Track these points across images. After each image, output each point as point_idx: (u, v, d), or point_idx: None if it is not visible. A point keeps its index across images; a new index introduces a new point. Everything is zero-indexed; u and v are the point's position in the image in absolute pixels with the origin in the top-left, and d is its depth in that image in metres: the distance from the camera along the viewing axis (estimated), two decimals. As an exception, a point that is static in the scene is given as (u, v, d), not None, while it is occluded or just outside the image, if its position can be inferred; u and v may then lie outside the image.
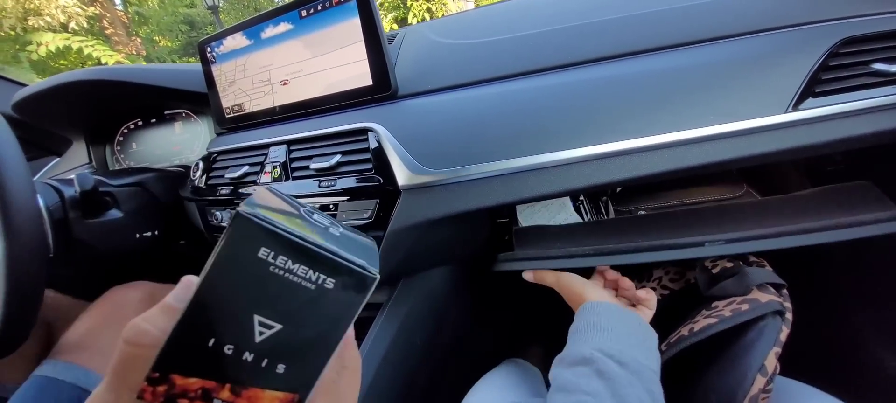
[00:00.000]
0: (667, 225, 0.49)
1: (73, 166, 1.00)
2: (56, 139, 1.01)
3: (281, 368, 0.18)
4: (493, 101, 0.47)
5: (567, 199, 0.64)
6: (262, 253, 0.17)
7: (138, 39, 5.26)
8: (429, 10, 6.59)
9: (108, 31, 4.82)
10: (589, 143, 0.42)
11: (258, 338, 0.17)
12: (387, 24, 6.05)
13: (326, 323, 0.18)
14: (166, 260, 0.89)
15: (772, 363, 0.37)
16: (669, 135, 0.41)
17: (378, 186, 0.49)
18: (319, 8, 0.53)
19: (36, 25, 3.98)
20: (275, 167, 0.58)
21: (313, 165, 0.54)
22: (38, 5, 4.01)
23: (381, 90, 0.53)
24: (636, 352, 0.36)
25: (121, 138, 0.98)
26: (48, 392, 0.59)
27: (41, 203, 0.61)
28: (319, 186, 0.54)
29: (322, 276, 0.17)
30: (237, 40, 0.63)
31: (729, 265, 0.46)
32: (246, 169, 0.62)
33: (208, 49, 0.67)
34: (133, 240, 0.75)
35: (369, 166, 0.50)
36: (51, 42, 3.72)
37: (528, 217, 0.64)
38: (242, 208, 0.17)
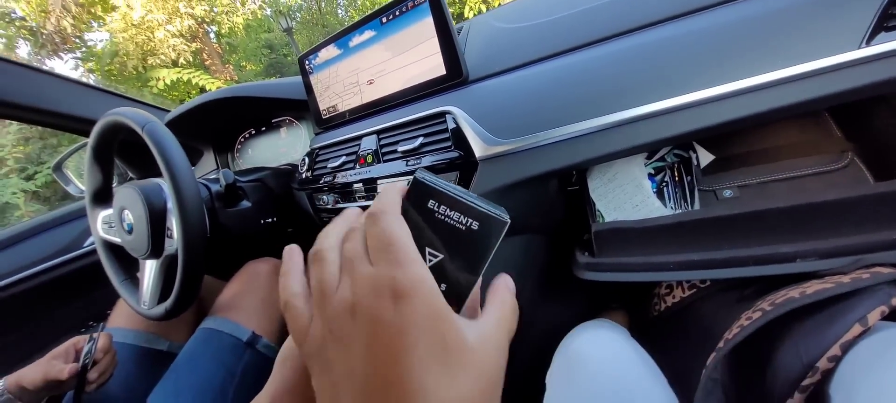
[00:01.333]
0: (757, 228, 0.46)
1: (204, 171, 1.23)
2: (194, 151, 1.25)
3: (443, 287, 0.24)
4: (554, 74, 0.52)
5: (644, 179, 0.65)
6: (431, 204, 0.24)
7: (230, 66, 6.03)
8: (484, 1, 6.59)
9: (207, 62, 5.61)
10: (650, 101, 0.45)
11: (428, 264, 0.24)
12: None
13: (473, 254, 0.24)
14: (282, 242, 1.07)
15: (874, 317, 0.35)
16: (733, 84, 0.43)
17: (458, 160, 0.57)
18: (397, 13, 0.62)
19: (153, 63, 4.79)
20: (368, 154, 0.69)
21: (400, 148, 0.63)
22: (154, 47, 4.81)
23: (454, 77, 0.61)
24: None
25: (238, 146, 1.19)
26: (212, 339, 0.77)
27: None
28: (407, 165, 0.63)
29: (470, 220, 0.24)
30: (330, 51, 0.75)
31: None
32: (344, 158, 0.74)
33: (307, 61, 0.80)
34: (258, 225, 0.92)
35: (449, 143, 0.58)
36: (166, 77, 4.45)
37: (601, 196, 0.67)
38: (418, 174, 0.24)
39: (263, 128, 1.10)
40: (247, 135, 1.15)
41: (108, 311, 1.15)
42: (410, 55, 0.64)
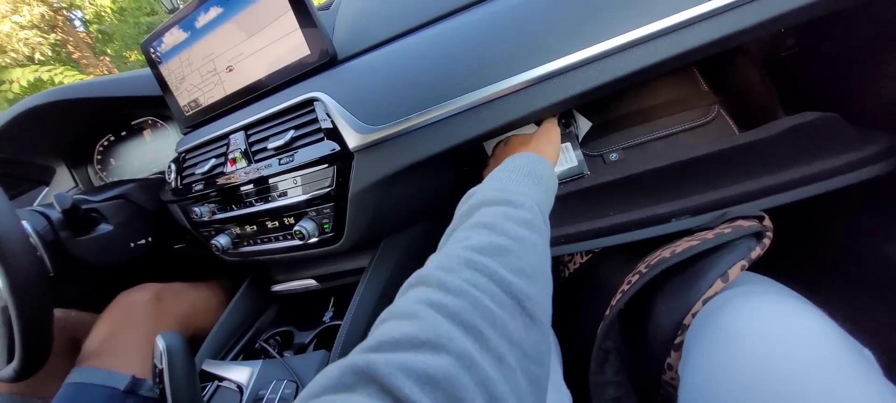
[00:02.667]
0: (637, 191, 0.47)
1: (62, 191, 1.03)
2: (38, 168, 1.03)
3: None
4: (423, 48, 0.47)
5: None
6: None
7: (107, 58, 5.17)
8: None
9: (75, 56, 4.73)
10: (522, 70, 0.42)
11: None
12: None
13: None
14: (168, 262, 0.93)
15: (735, 272, 0.37)
16: (604, 44, 0.41)
17: (333, 153, 0.50)
18: (243, -16, 0.52)
19: (3, 63, 3.92)
20: (237, 154, 0.59)
21: (270, 145, 0.55)
22: (1, 43, 3.93)
23: (321, 58, 0.53)
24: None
25: (99, 157, 1.00)
26: (81, 396, 0.64)
27: (28, 228, 0.64)
28: (280, 164, 0.55)
29: None
30: (175, 35, 0.63)
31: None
32: (213, 161, 0.63)
33: (151, 50, 0.66)
34: (128, 250, 0.78)
35: (321, 135, 0.51)
36: (21, 77, 3.68)
37: None
38: None
39: (123, 133, 0.93)
40: (106, 143, 0.96)
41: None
42: (267, 34, 0.55)
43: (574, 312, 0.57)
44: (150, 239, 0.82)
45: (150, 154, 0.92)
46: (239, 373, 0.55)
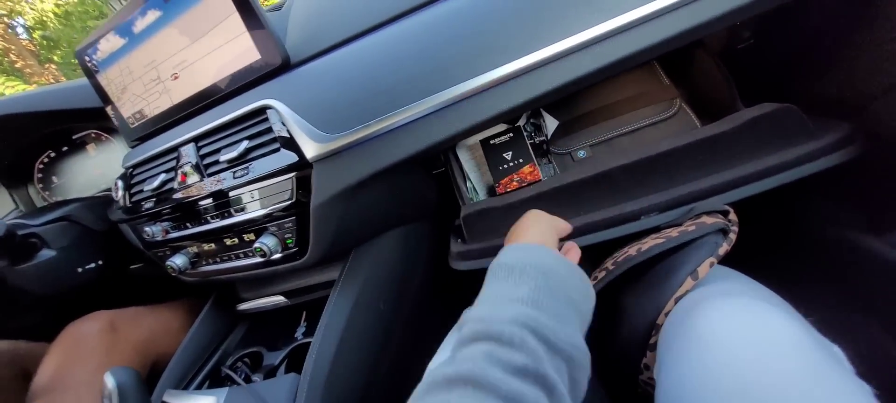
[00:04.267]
0: (607, 188, 0.46)
1: (1, 216, 0.94)
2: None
3: None
4: (378, 50, 0.45)
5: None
6: None
7: (53, 66, 4.83)
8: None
9: (18, 65, 4.39)
10: (482, 71, 0.41)
11: None
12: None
13: None
14: (124, 285, 0.87)
15: (704, 270, 0.36)
16: (564, 42, 0.40)
17: (290, 164, 0.47)
18: (181, -14, 0.48)
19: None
20: (188, 167, 0.55)
21: (223, 157, 0.51)
22: None
23: (272, 62, 0.50)
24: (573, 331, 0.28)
25: (39, 175, 0.92)
26: (27, 442, 0.59)
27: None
28: (235, 178, 0.52)
29: None
30: (112, 42, 0.58)
31: None
32: (162, 177, 0.59)
33: (86, 58, 0.61)
34: (76, 276, 0.73)
35: (277, 146, 0.48)
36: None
37: (473, 169, 0.63)
38: None
39: (65, 148, 0.86)
40: (47, 159, 0.89)
41: None
42: (213, 38, 0.51)
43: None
44: (100, 262, 0.76)
45: (95, 170, 0.85)
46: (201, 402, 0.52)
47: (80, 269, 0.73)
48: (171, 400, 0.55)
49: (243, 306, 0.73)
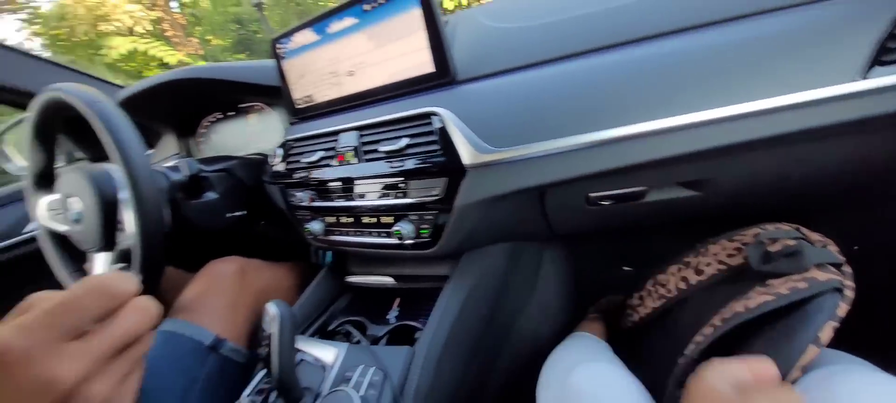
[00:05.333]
0: None
1: (165, 156, 1.14)
2: (150, 133, 1.15)
3: None
4: (552, 82, 0.50)
5: None
6: None
7: (195, 39, 5.66)
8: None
9: (168, 34, 5.23)
10: (647, 119, 0.44)
11: None
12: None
13: None
14: (252, 239, 1.00)
15: (827, 335, 0.36)
16: (732, 108, 0.42)
17: (444, 166, 0.54)
18: (381, 1, 0.58)
19: (106, 30, 4.40)
20: (347, 151, 0.64)
21: (382, 148, 0.60)
22: (107, 12, 4.42)
23: (442, 76, 0.57)
24: None
25: (202, 131, 1.10)
26: (172, 342, 0.71)
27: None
28: (390, 167, 0.60)
29: None
30: (306, 36, 0.70)
31: (790, 243, 0.45)
32: (321, 154, 0.69)
33: (279, 45, 0.74)
34: (224, 219, 0.86)
35: (436, 147, 0.55)
36: (120, 46, 4.11)
37: None
38: None
39: (231, 113, 1.02)
40: (212, 120, 1.06)
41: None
42: (395, 48, 0.60)
43: (641, 360, 0.57)
44: (244, 212, 0.89)
45: (250, 135, 1.00)
46: (324, 352, 0.59)
47: (228, 215, 0.86)
48: (299, 344, 0.63)
49: (353, 278, 0.82)
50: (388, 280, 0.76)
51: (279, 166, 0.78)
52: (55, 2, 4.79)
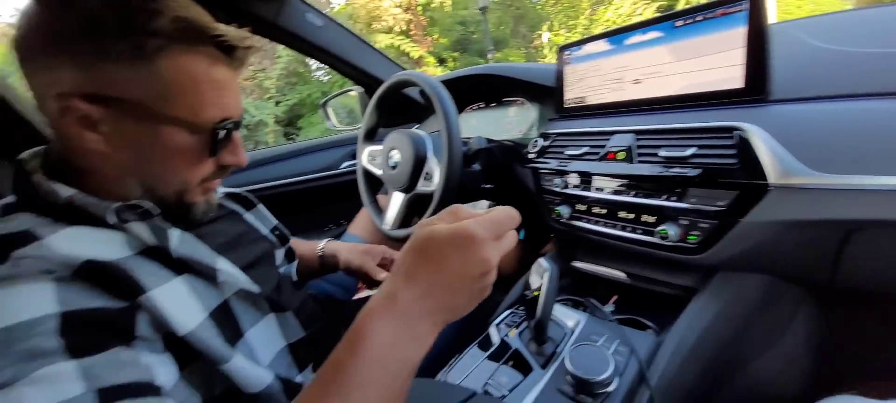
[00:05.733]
0: None
1: (432, 128, 1.45)
2: (424, 111, 1.47)
3: None
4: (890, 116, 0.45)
5: None
6: None
7: (429, 39, 6.78)
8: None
9: (411, 33, 6.43)
10: None
11: None
12: (650, 12, 5.61)
13: None
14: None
15: None
16: None
17: (739, 181, 0.55)
18: (700, 18, 0.62)
19: (376, 28, 5.71)
20: (619, 151, 0.71)
21: (662, 153, 0.64)
22: (379, 14, 5.74)
23: (753, 93, 0.58)
24: None
25: (464, 114, 1.35)
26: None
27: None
28: (666, 171, 0.64)
29: None
30: (598, 46, 0.79)
31: None
32: (586, 149, 0.78)
33: (566, 52, 0.86)
34: (479, 189, 1.05)
35: (732, 161, 0.56)
36: (382, 41, 5.27)
37: None
38: None
39: (493, 104, 1.23)
40: (476, 107, 1.30)
41: (342, 221, 1.49)
42: (702, 62, 0.63)
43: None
44: (492, 186, 1.07)
45: (507, 124, 1.19)
46: (567, 317, 0.69)
47: (482, 186, 1.05)
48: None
49: (580, 265, 0.90)
50: (621, 275, 0.80)
51: (535, 154, 0.90)
52: (345, 3, 6.48)
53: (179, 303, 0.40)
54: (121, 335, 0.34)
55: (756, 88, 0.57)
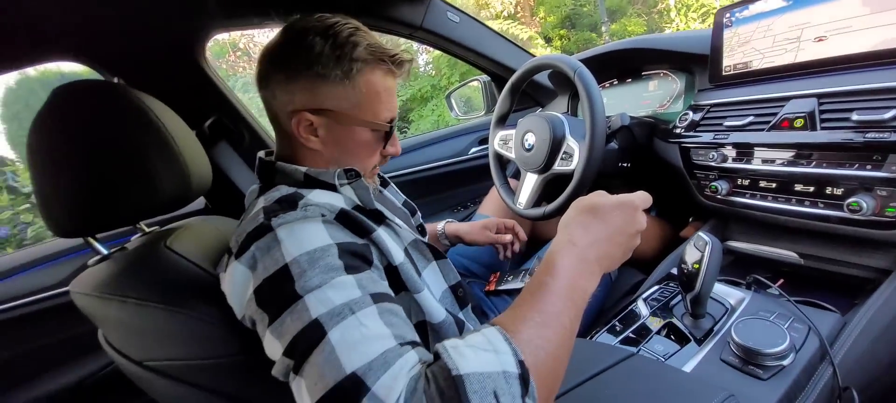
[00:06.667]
0: None
1: (556, 109, 1.46)
2: (547, 94, 1.49)
3: None
4: None
5: None
6: None
7: (537, 19, 6.57)
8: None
9: (519, 15, 6.31)
10: None
11: None
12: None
13: None
14: (629, 187, 1.16)
15: None
16: None
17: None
18: (914, -41, 0.53)
19: (484, 16, 5.77)
20: (798, 118, 0.65)
21: (856, 117, 0.58)
22: (487, 0, 5.80)
23: None
24: None
25: (594, 93, 1.34)
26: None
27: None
28: (860, 136, 0.57)
29: None
30: (769, 3, 0.72)
31: None
32: (751, 118, 0.73)
33: (728, 14, 0.80)
34: (616, 167, 1.05)
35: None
36: (491, 25, 5.29)
37: None
38: None
39: (629, 80, 1.19)
40: (607, 85, 1.27)
41: (470, 203, 1.60)
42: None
43: None
44: (629, 165, 1.06)
45: (645, 99, 1.15)
46: (730, 294, 0.67)
47: (619, 164, 1.04)
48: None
49: (738, 245, 0.84)
50: (791, 255, 0.74)
51: (684, 128, 0.87)
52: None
53: (390, 243, 0.53)
54: (367, 262, 0.48)
55: None
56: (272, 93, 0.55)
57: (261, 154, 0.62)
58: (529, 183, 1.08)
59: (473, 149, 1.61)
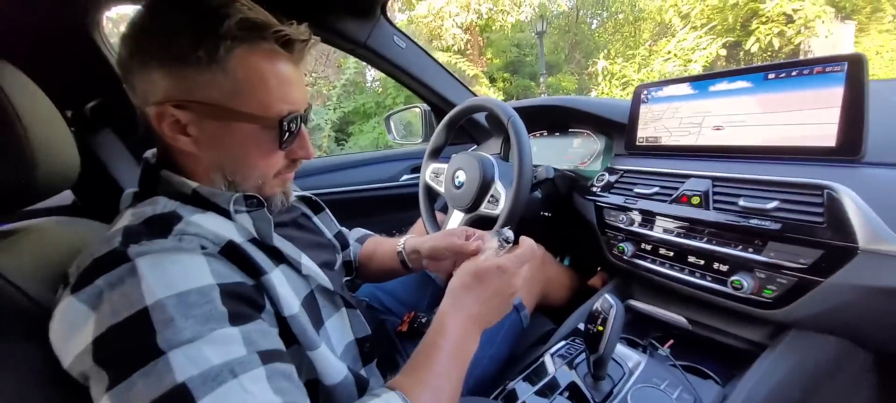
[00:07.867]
0: None
1: (487, 153, 1.49)
2: (483, 133, 1.52)
3: None
4: None
5: None
6: None
7: (484, 58, 6.93)
8: (781, 33, 5.41)
9: (467, 52, 6.61)
10: None
11: None
12: (715, 51, 5.40)
13: None
14: (551, 236, 1.19)
15: None
16: None
17: (826, 241, 0.54)
18: (794, 74, 0.62)
19: (436, 46, 5.94)
20: (694, 195, 0.71)
21: (742, 203, 0.64)
22: (440, 33, 5.97)
23: (846, 154, 0.57)
24: None
25: (525, 141, 1.39)
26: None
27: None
28: (745, 221, 0.63)
29: None
30: (679, 89, 0.80)
31: None
32: (657, 189, 0.79)
33: (644, 91, 0.87)
34: (538, 216, 1.08)
35: (819, 220, 0.55)
36: (439, 58, 5.44)
37: None
38: None
39: (557, 133, 1.26)
40: (538, 135, 1.33)
41: (394, 231, 1.55)
42: (791, 117, 0.63)
43: None
44: (549, 214, 1.09)
45: (568, 155, 1.21)
46: (628, 355, 0.69)
47: (542, 213, 1.07)
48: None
49: (637, 304, 0.89)
50: (681, 320, 0.80)
51: (599, 187, 0.92)
52: (407, 20, 6.78)
53: (284, 289, 0.45)
54: (257, 308, 0.40)
55: (850, 149, 0.57)
56: (131, 85, 0.44)
57: (149, 153, 0.51)
58: (455, 220, 1.07)
59: (405, 176, 1.58)
